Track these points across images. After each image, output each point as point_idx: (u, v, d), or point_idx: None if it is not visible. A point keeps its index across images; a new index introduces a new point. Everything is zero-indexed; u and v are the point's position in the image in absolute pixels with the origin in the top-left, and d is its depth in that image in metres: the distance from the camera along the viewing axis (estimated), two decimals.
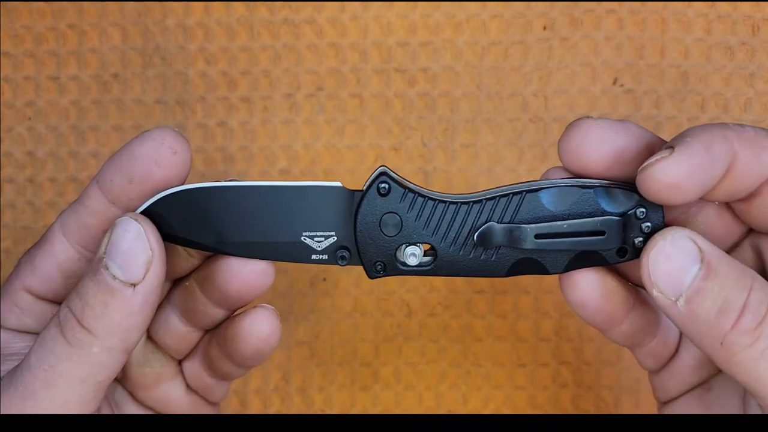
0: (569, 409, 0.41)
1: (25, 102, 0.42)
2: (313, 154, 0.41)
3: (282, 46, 0.41)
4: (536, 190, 0.26)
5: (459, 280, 0.40)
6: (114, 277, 0.25)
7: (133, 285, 0.25)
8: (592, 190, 0.26)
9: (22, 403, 0.25)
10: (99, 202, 0.27)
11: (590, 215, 0.26)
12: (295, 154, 0.41)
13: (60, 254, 0.28)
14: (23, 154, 0.42)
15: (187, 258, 0.29)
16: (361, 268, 0.27)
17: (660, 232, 0.25)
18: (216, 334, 0.30)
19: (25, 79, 0.42)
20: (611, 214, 0.26)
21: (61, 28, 0.42)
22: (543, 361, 0.41)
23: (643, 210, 0.26)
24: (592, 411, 0.40)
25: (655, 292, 0.25)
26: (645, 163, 0.24)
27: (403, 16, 0.41)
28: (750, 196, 0.26)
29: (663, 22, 0.40)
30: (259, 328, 0.29)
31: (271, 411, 0.41)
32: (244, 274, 0.28)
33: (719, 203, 0.27)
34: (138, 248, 0.25)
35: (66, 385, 0.25)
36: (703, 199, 0.26)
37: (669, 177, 0.24)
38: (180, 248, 0.28)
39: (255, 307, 0.29)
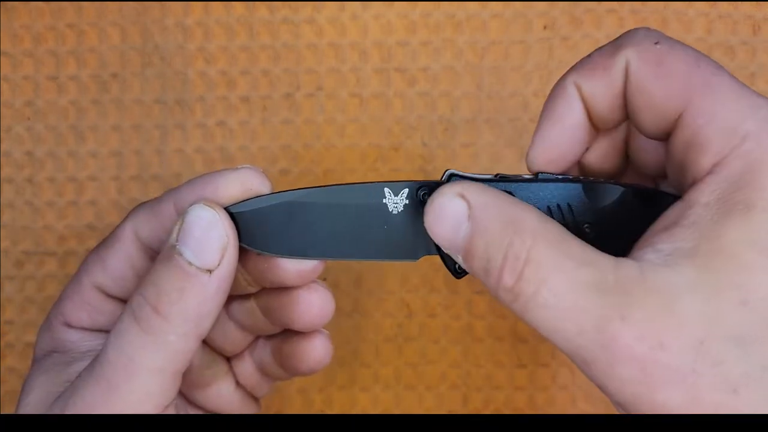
0: (569, 410, 0.41)
1: (24, 102, 0.42)
2: (313, 154, 0.41)
3: (281, 45, 0.41)
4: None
5: (460, 281, 0.40)
6: (189, 263, 0.24)
7: (209, 271, 0.24)
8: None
9: (107, 396, 0.24)
10: (173, 221, 0.27)
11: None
12: (295, 154, 0.41)
13: (134, 254, 0.28)
14: (22, 153, 0.42)
15: (245, 287, 0.29)
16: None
17: (432, 196, 0.24)
18: (271, 343, 0.31)
19: (24, 79, 0.42)
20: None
21: (60, 27, 0.41)
22: (543, 362, 0.41)
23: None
24: (592, 412, 0.40)
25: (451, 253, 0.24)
26: None
27: (403, 15, 0.41)
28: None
29: (664, 22, 0.40)
30: (316, 352, 0.30)
31: (272, 411, 0.41)
32: (310, 317, 0.28)
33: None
34: (213, 234, 0.25)
35: (146, 375, 0.24)
36: None
37: None
38: (239, 275, 0.28)
39: (314, 332, 0.30)
